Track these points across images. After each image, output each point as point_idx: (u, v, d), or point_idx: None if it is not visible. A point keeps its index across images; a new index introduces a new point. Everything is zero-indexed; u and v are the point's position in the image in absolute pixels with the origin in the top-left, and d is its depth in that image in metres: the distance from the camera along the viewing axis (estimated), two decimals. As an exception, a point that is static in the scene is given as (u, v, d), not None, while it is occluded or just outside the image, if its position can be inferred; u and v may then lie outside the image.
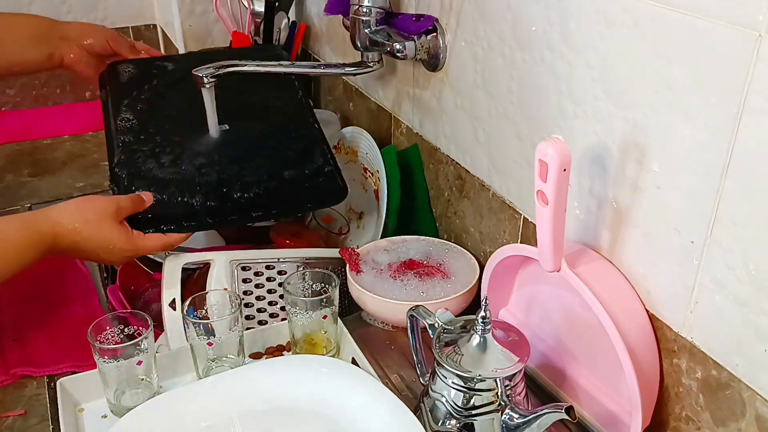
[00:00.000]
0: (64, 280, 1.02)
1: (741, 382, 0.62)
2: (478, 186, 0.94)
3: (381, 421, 0.73)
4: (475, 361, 0.68)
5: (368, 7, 0.97)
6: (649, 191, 0.67)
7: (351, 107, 1.30)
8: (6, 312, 0.95)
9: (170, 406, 0.75)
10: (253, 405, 0.77)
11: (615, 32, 0.66)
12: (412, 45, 0.96)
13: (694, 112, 0.60)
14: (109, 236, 0.83)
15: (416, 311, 0.76)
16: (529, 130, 0.82)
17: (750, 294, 0.59)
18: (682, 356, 0.67)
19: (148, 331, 0.77)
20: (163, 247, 0.89)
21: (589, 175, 0.74)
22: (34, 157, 1.38)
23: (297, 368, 0.79)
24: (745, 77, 0.55)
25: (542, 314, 0.82)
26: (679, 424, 0.70)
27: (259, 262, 0.94)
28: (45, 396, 0.82)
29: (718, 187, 0.60)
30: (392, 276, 0.91)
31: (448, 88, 0.97)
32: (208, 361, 0.81)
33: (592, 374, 0.77)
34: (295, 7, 1.41)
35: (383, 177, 1.03)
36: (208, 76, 0.95)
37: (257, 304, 0.94)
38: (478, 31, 0.87)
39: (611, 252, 0.74)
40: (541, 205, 0.66)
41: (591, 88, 0.71)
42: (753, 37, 0.54)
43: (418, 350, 0.79)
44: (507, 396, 0.68)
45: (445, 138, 1.00)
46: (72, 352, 0.87)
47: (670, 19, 0.60)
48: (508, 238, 0.90)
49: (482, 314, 0.69)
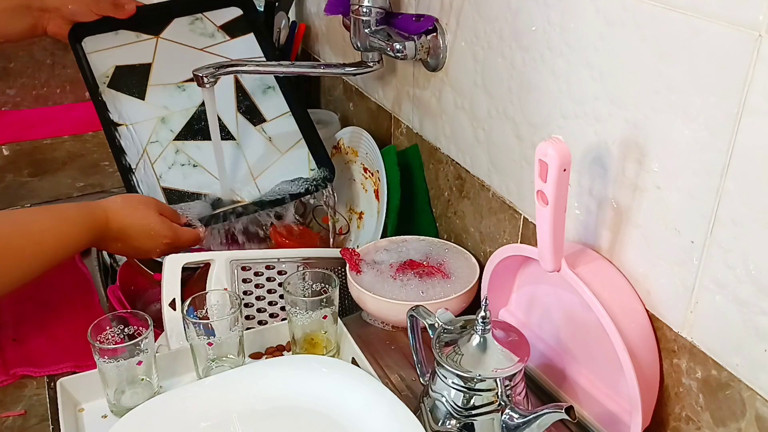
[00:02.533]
0: (64, 280, 1.02)
1: (741, 382, 0.62)
2: (478, 186, 0.94)
3: (381, 421, 0.73)
4: (475, 361, 0.68)
5: (368, 7, 0.97)
6: (649, 191, 0.67)
7: (351, 107, 1.30)
8: (6, 312, 0.95)
9: (170, 406, 0.75)
10: (253, 405, 0.76)
11: (615, 32, 0.66)
12: (412, 45, 0.96)
13: (694, 112, 0.60)
14: (153, 223, 0.91)
15: (416, 311, 0.76)
16: (529, 130, 0.82)
17: (750, 294, 0.59)
18: (682, 356, 0.67)
19: (148, 331, 0.77)
20: (196, 240, 0.97)
21: (589, 175, 0.74)
22: (34, 157, 1.37)
23: (297, 368, 0.79)
24: (745, 77, 0.55)
25: (542, 314, 0.82)
26: (679, 424, 0.70)
27: (259, 262, 0.94)
28: (45, 396, 0.82)
29: (718, 187, 0.60)
30: (392, 276, 0.91)
31: (448, 88, 0.97)
32: (208, 361, 0.81)
33: (592, 374, 0.77)
34: (295, 7, 1.41)
35: (383, 177, 1.03)
36: (208, 76, 0.95)
37: (257, 304, 0.94)
38: (478, 31, 0.87)
39: (611, 252, 0.74)
40: (541, 205, 0.66)
41: (591, 88, 0.71)
42: (753, 37, 0.54)
43: (418, 350, 0.79)
44: (507, 396, 0.68)
45: (445, 138, 1.00)
46: (72, 352, 0.87)
47: (670, 19, 0.60)
48: (508, 238, 0.90)
49: (482, 314, 0.69)
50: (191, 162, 1.09)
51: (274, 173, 1.10)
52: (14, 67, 1.51)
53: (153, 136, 1.09)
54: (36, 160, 1.37)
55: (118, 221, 0.89)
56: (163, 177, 1.07)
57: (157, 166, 1.08)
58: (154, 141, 1.09)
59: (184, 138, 1.10)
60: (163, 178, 1.07)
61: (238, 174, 1.09)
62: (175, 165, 1.08)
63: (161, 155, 1.08)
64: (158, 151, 1.08)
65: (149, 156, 1.08)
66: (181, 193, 1.07)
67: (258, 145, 1.12)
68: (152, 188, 1.06)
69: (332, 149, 1.21)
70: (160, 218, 0.92)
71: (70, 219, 0.86)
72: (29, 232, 0.82)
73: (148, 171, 1.07)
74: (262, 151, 1.12)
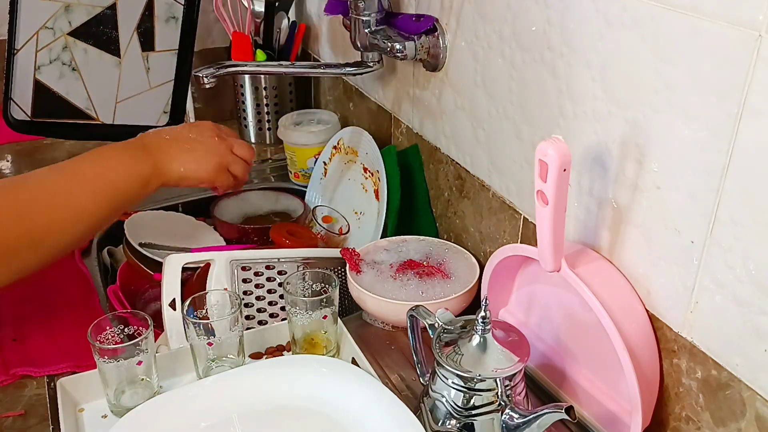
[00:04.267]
0: (64, 280, 1.02)
1: (741, 382, 0.62)
2: (478, 186, 0.94)
3: (381, 421, 0.73)
4: (475, 361, 0.68)
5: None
6: (649, 191, 0.67)
7: (351, 107, 1.30)
8: (6, 312, 0.95)
9: (170, 406, 0.75)
10: (253, 405, 0.76)
11: (615, 32, 0.67)
12: (412, 45, 0.96)
13: (694, 112, 0.60)
14: (200, 126, 0.90)
15: (416, 311, 0.76)
16: (529, 130, 0.82)
17: (750, 294, 0.59)
18: (682, 356, 0.67)
19: (148, 331, 0.77)
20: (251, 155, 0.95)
21: (589, 175, 0.74)
22: (34, 157, 1.38)
23: (297, 368, 0.79)
24: (745, 77, 0.55)
25: (542, 314, 0.82)
26: (679, 424, 0.70)
27: (259, 262, 0.94)
28: (45, 396, 0.82)
29: (718, 187, 0.60)
30: (392, 276, 0.92)
31: (448, 88, 0.97)
32: (208, 361, 0.81)
33: (592, 374, 0.77)
34: (295, 7, 1.41)
35: (383, 177, 1.03)
36: (208, 77, 0.95)
37: (257, 304, 0.94)
38: (478, 31, 0.87)
39: (611, 252, 0.74)
40: (541, 205, 0.66)
41: (591, 88, 0.71)
42: (753, 37, 0.54)
43: (418, 350, 0.79)
44: (507, 396, 0.68)
45: (445, 138, 1.00)
46: (72, 352, 0.87)
47: (670, 19, 0.60)
48: (508, 238, 0.90)
49: (482, 314, 0.69)
50: (72, 65, 1.08)
51: (135, 105, 1.12)
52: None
53: (51, 21, 1.06)
54: (36, 160, 1.37)
55: (159, 133, 0.88)
56: (41, 69, 1.06)
57: (40, 54, 1.06)
58: (49, 27, 1.06)
59: (77, 36, 1.08)
60: (40, 70, 1.06)
61: (104, 91, 1.09)
62: (56, 61, 1.07)
63: (49, 45, 1.06)
64: (48, 40, 1.06)
65: (38, 41, 1.06)
66: (50, 93, 1.07)
67: (135, 71, 1.12)
68: (25, 75, 1.05)
69: (332, 149, 1.21)
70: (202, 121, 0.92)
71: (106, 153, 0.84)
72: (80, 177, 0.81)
73: (30, 56, 1.06)
74: (137, 80, 1.12)
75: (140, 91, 1.13)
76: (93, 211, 0.81)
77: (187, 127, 0.92)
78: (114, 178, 0.83)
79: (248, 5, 1.34)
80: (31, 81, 1.07)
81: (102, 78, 1.10)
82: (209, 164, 0.90)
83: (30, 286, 0.99)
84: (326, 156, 1.22)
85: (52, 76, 1.07)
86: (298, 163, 1.28)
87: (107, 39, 1.10)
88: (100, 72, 1.09)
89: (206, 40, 1.46)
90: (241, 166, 0.94)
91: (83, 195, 0.81)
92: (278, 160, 1.38)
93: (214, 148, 0.91)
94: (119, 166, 0.84)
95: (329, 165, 1.22)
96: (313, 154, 1.26)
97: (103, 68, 1.09)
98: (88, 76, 1.09)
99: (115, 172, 0.83)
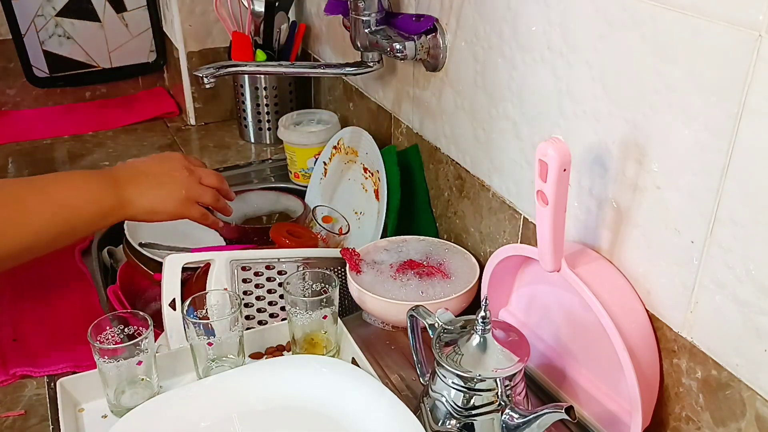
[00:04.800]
0: (63, 281, 1.02)
1: (741, 382, 0.62)
2: (478, 186, 0.94)
3: (381, 421, 0.73)
4: (475, 361, 0.68)
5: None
6: (649, 191, 0.67)
7: (351, 107, 1.30)
8: (6, 312, 0.95)
9: (170, 406, 0.75)
10: (253, 405, 0.76)
11: (615, 32, 0.67)
12: (412, 45, 0.96)
13: (694, 112, 0.60)
14: (169, 160, 0.93)
15: (416, 311, 0.76)
16: (529, 130, 0.82)
17: (750, 294, 0.59)
18: (682, 356, 0.67)
19: (148, 331, 0.77)
20: (219, 182, 0.97)
21: (589, 175, 0.74)
22: (34, 157, 1.38)
23: (297, 368, 0.79)
24: (745, 77, 0.55)
25: (542, 314, 0.82)
26: (679, 424, 0.70)
27: (259, 262, 0.94)
28: (45, 396, 0.82)
29: (718, 187, 0.60)
30: (392, 276, 0.91)
31: (448, 88, 0.97)
32: (208, 361, 0.81)
33: (592, 374, 0.77)
34: (295, 7, 1.41)
35: (383, 177, 1.03)
36: (208, 77, 0.95)
37: (257, 304, 0.94)
38: (478, 31, 0.87)
39: (611, 252, 0.74)
40: (541, 205, 0.66)
41: (591, 87, 0.71)
42: (753, 37, 0.54)
43: (418, 350, 0.79)
44: (507, 396, 0.68)
45: (445, 138, 1.00)
46: (72, 352, 0.87)
47: (670, 19, 0.60)
48: (508, 238, 0.90)
49: (482, 314, 0.69)
50: (66, 34, 1.54)
51: (125, 51, 1.60)
52: (14, 67, 1.52)
53: (40, 10, 1.50)
54: (36, 160, 1.37)
55: (127, 166, 0.91)
56: (45, 43, 1.53)
57: (41, 33, 1.52)
58: (40, 15, 1.50)
59: (63, 15, 1.52)
60: (44, 44, 1.53)
61: (97, 47, 1.58)
62: (54, 35, 1.53)
63: (44, 26, 1.51)
64: (42, 24, 1.51)
65: (36, 26, 1.50)
66: (58, 56, 1.55)
67: (116, 29, 1.58)
68: (35, 49, 1.52)
69: (332, 149, 1.21)
70: (172, 153, 0.95)
71: (72, 176, 0.88)
72: (40, 189, 0.82)
73: (33, 37, 1.51)
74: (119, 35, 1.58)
75: (126, 40, 1.60)
76: (43, 228, 0.81)
77: (158, 160, 0.94)
78: (74, 203, 0.84)
79: (248, 5, 1.34)
80: (41, 52, 1.53)
81: (92, 39, 1.57)
82: (177, 199, 0.92)
83: (30, 286, 0.99)
84: (326, 156, 1.22)
85: (55, 44, 1.54)
86: (298, 163, 1.28)
87: (86, 11, 1.54)
88: (89, 36, 1.56)
89: (206, 40, 1.46)
90: (211, 194, 0.95)
91: (38, 209, 0.81)
92: (278, 160, 1.38)
93: (182, 181, 0.92)
94: (85, 193, 0.85)
95: (329, 165, 1.22)
96: (313, 154, 1.26)
97: (90, 32, 1.56)
98: (81, 40, 1.56)
99: (77, 198, 0.84)
